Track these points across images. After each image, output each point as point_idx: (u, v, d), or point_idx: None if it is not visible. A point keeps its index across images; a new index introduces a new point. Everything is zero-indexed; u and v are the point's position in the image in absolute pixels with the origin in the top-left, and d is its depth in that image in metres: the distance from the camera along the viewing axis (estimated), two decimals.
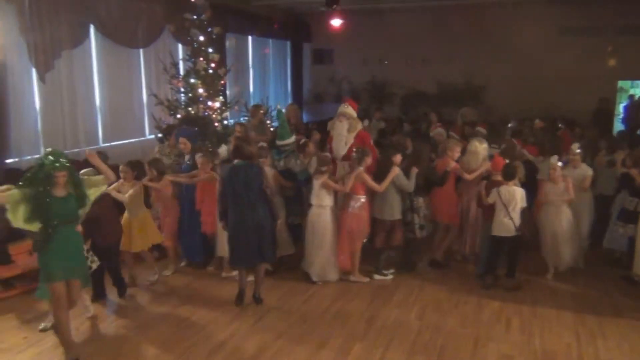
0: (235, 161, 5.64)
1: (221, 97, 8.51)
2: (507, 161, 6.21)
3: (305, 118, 15.25)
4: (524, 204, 5.97)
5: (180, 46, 10.02)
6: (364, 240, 6.38)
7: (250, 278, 5.85)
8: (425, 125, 10.82)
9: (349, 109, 7.07)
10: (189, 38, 8.18)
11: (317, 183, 6.16)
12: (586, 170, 6.63)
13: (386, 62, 15.03)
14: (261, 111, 8.48)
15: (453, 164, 6.49)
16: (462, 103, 13.76)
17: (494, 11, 12.23)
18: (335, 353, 4.79)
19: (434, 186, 6.57)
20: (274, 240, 5.87)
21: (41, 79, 7.55)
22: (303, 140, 7.20)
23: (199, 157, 6.50)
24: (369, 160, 6.20)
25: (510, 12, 12.34)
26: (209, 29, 8.20)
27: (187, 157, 6.94)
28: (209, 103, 8.16)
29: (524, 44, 12.57)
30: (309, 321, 5.39)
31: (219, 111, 8.30)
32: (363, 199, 6.20)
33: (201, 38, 8.10)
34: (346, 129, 6.95)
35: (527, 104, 12.28)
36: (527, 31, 12.61)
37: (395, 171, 6.11)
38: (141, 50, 9.66)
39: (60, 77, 8.05)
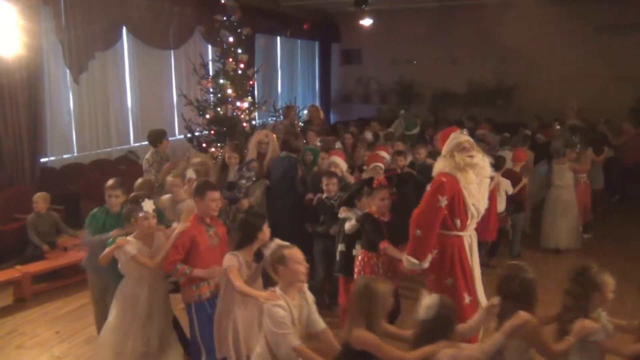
0: (282, 153, 5.92)
1: (249, 98, 8.58)
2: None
3: (332, 119, 15.28)
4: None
5: (210, 47, 10.13)
6: None
7: None
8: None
9: None
10: (218, 39, 8.25)
11: (560, 166, 7.17)
12: None
13: (415, 62, 14.89)
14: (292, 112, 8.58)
15: None
16: (493, 103, 13.60)
17: (527, 9, 11.99)
18: None
19: None
20: (299, 233, 5.82)
21: (75, 80, 7.72)
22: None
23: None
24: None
25: (544, 10, 12.07)
26: (239, 30, 8.26)
27: None
28: (238, 103, 8.22)
29: (559, 43, 12.31)
30: None
31: (247, 111, 8.36)
32: None
33: (230, 39, 8.16)
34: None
35: (560, 105, 12.02)
36: (562, 30, 12.35)
37: None
38: (172, 52, 9.81)
39: (93, 78, 8.23)
